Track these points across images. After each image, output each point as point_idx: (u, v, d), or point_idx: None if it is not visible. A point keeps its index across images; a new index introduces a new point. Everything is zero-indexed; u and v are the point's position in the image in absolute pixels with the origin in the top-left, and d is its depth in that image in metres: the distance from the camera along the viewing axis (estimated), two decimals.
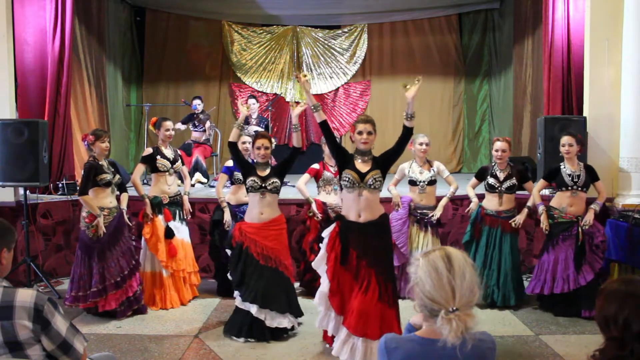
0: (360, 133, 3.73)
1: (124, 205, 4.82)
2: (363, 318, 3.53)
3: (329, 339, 3.90)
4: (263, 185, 4.24)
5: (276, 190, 4.31)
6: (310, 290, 5.08)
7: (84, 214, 4.60)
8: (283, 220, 4.40)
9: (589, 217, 4.62)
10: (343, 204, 3.84)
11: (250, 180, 4.24)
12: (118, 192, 4.89)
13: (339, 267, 3.65)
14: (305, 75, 3.87)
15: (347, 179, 3.67)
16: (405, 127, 3.72)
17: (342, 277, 3.66)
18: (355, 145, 3.79)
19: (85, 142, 4.67)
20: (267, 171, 4.31)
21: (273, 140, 4.58)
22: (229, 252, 4.39)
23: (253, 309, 4.14)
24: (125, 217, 4.77)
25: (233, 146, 4.35)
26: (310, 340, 4.17)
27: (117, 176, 4.74)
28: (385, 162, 3.76)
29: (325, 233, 3.82)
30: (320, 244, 3.89)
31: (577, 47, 6.08)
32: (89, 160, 4.62)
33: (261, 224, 4.26)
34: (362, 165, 3.70)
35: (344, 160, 3.76)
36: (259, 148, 4.33)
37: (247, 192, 4.32)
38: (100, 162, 4.61)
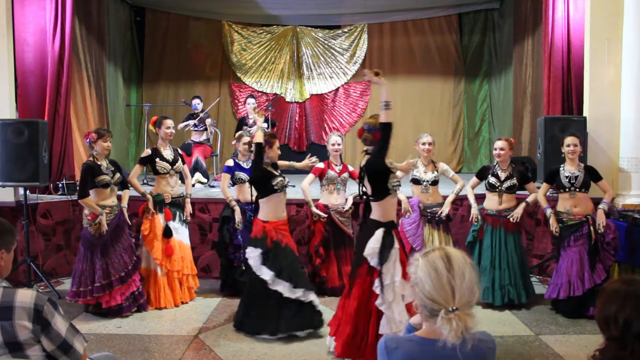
0: None
1: (124, 203, 4.85)
2: None
3: None
4: (285, 183, 4.40)
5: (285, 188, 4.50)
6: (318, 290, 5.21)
7: (86, 211, 4.61)
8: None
9: (601, 219, 4.60)
10: (385, 210, 3.67)
11: (278, 181, 4.27)
12: (121, 191, 4.90)
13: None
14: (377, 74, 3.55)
15: (395, 184, 3.68)
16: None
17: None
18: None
19: (88, 140, 4.68)
20: (277, 170, 4.47)
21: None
22: (253, 250, 4.24)
23: (285, 286, 4.12)
24: (126, 214, 4.80)
25: (260, 147, 4.25)
26: (311, 340, 4.17)
27: (117, 175, 4.75)
28: None
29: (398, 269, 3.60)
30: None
31: (577, 47, 6.08)
32: (87, 160, 4.63)
33: (284, 221, 4.41)
34: None
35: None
36: (278, 148, 4.48)
37: (271, 193, 4.26)
38: (99, 163, 4.62)
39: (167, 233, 4.98)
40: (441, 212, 5.07)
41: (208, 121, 7.75)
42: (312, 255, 5.24)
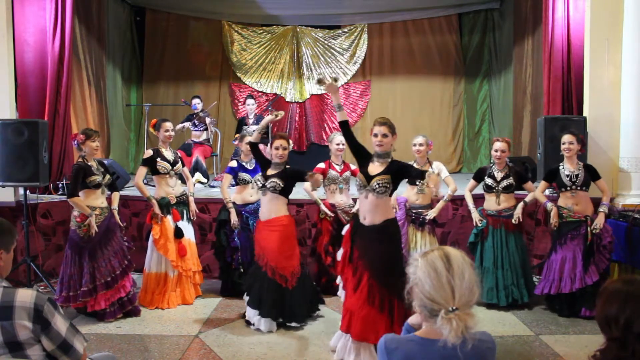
0: (375, 135, 3.71)
1: (115, 205, 4.79)
2: (347, 316, 3.66)
3: None
4: (264, 183, 4.41)
5: (274, 190, 4.37)
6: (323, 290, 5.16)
7: (75, 213, 4.55)
8: (282, 222, 4.41)
9: (600, 221, 4.60)
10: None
11: (259, 178, 4.54)
12: (109, 192, 4.85)
13: (347, 266, 3.79)
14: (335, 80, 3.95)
15: (357, 181, 3.77)
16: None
17: (347, 275, 3.76)
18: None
19: (75, 142, 4.63)
20: (276, 171, 4.42)
21: (290, 142, 4.62)
22: None
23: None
24: (117, 217, 4.74)
25: (254, 147, 4.55)
26: (310, 340, 4.18)
27: (107, 176, 4.70)
28: (399, 172, 3.69)
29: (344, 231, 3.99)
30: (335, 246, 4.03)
31: (577, 47, 6.08)
32: (77, 161, 4.58)
33: (264, 221, 4.47)
34: (375, 168, 3.70)
35: (361, 161, 3.82)
36: (277, 148, 4.44)
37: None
38: (89, 163, 4.57)
39: (178, 233, 4.96)
40: (426, 215, 5.00)
41: (208, 120, 7.75)
42: (320, 254, 5.21)
